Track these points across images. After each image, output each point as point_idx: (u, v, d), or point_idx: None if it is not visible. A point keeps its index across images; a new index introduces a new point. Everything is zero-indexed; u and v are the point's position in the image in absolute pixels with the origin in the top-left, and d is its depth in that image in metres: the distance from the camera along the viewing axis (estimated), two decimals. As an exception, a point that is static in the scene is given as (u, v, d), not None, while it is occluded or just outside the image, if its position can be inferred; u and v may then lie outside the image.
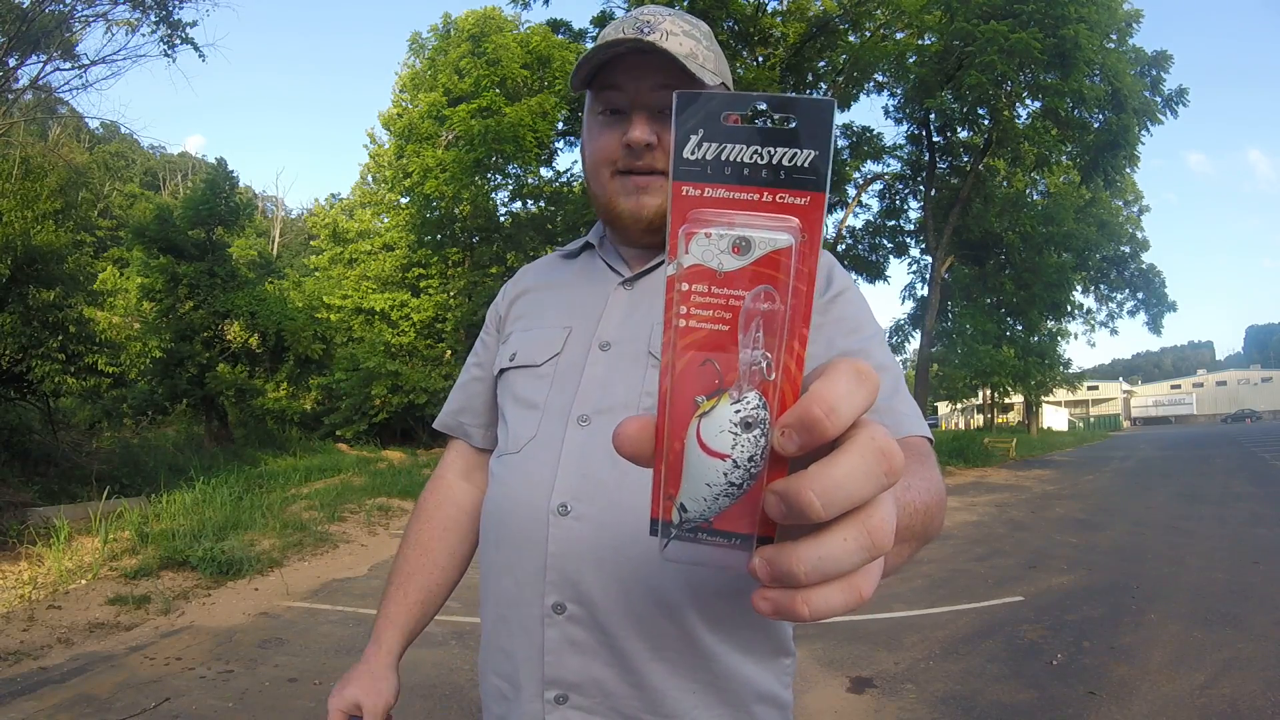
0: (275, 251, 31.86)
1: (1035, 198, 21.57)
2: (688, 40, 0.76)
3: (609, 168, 0.81)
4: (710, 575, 0.68)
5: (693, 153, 0.27)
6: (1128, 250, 26.99)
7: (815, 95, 0.26)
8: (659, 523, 0.30)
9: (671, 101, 0.38)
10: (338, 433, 18.81)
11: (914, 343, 21.66)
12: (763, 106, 0.27)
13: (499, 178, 18.96)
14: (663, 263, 0.82)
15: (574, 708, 0.71)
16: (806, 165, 0.26)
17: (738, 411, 0.27)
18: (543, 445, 0.76)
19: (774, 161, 0.27)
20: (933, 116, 16.71)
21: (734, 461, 0.27)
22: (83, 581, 5.23)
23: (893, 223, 20.89)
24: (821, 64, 18.36)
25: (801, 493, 0.26)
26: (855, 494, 0.27)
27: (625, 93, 0.77)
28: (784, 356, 0.27)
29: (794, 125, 0.27)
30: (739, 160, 0.27)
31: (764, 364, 0.27)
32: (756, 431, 0.27)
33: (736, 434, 0.27)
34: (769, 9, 17.38)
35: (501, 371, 0.87)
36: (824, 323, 0.76)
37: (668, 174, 0.32)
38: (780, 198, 0.27)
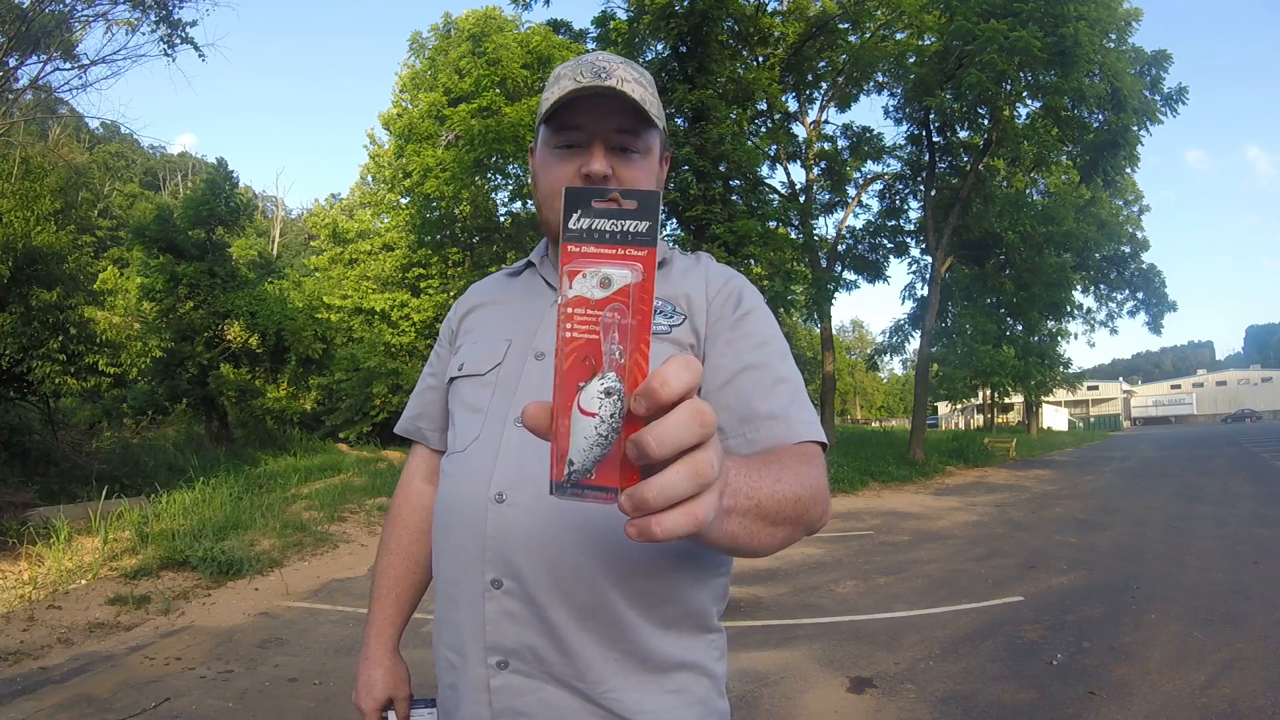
0: (275, 251, 31.88)
1: (1035, 198, 21.52)
2: (638, 88, 0.84)
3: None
4: (627, 558, 0.78)
5: (575, 224, 0.42)
6: (1128, 250, 26.97)
7: (652, 190, 0.44)
8: (553, 483, 0.42)
9: (626, 141, 0.83)
10: (339, 434, 18.80)
11: (914, 343, 21.57)
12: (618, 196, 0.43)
13: (499, 178, 18.94)
14: None
15: (514, 672, 0.80)
16: (644, 231, 0.41)
17: (602, 383, 0.40)
18: (484, 444, 0.86)
19: (623, 229, 0.41)
20: (933, 116, 16.67)
21: (600, 419, 0.40)
22: (83, 581, 5.23)
23: (893, 223, 20.80)
24: (821, 64, 18.33)
25: (643, 436, 0.38)
26: (681, 438, 0.39)
27: (584, 130, 0.86)
28: (634, 354, 0.41)
29: (635, 206, 0.42)
30: (603, 229, 0.42)
31: (617, 353, 0.40)
32: (615, 398, 0.40)
33: (602, 399, 0.40)
34: (769, 9, 17.35)
35: (451, 380, 0.97)
36: (734, 338, 0.86)
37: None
38: (628, 251, 0.41)
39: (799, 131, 19.59)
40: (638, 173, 0.88)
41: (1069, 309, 22.72)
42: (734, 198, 14.75)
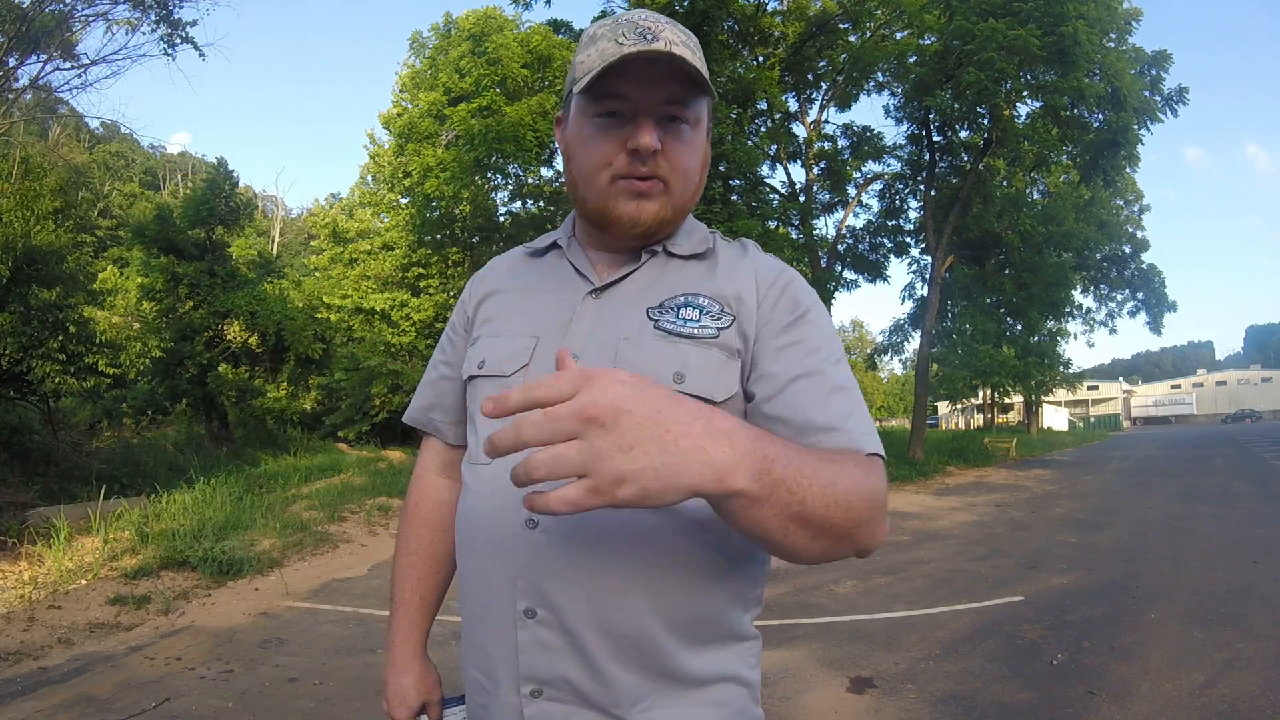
0: (275, 251, 31.84)
1: (1035, 198, 21.53)
2: (686, 50, 0.76)
3: (607, 173, 0.80)
4: (666, 583, 0.76)
5: None
6: (1128, 250, 26.95)
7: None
8: None
9: (676, 111, 0.79)
10: (339, 434, 18.80)
11: (914, 343, 21.58)
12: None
13: (499, 178, 18.92)
14: (632, 272, 0.85)
15: (549, 700, 0.77)
16: None
17: None
18: (512, 459, 0.79)
19: None
20: (933, 116, 16.67)
21: None
22: (83, 581, 5.23)
23: (893, 222, 20.83)
24: (821, 64, 18.33)
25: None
26: (520, 436, 0.53)
27: (630, 100, 0.77)
28: None
29: None
30: None
31: None
32: None
33: None
34: (769, 9, 17.35)
35: (471, 378, 0.88)
36: (786, 344, 0.80)
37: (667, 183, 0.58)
38: None
39: (799, 131, 19.60)
40: (685, 147, 0.80)
41: (1069, 309, 22.72)
42: (734, 198, 14.76)
